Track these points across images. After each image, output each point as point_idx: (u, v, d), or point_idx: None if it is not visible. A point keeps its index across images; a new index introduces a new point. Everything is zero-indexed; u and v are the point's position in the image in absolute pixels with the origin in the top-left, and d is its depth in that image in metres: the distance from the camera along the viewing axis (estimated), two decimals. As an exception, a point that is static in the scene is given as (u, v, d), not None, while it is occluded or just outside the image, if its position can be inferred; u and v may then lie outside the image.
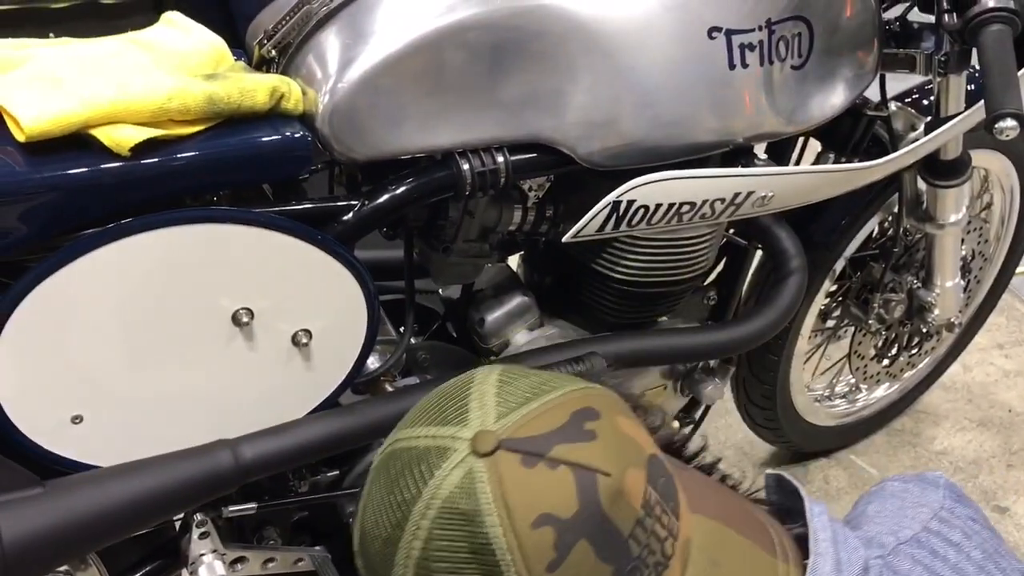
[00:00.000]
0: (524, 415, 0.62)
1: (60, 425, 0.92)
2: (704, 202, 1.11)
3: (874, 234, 1.77)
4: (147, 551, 1.18)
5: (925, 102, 1.58)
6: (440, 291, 1.39)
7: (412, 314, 1.20)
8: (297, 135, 0.94)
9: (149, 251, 0.88)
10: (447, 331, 1.38)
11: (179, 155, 0.88)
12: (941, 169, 1.52)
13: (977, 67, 1.50)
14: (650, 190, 1.07)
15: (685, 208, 1.11)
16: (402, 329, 1.21)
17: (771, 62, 1.13)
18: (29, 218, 0.83)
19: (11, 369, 0.88)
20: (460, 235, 1.12)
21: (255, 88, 0.93)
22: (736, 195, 1.13)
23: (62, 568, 1.25)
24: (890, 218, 1.73)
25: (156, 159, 0.87)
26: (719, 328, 1.31)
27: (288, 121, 0.95)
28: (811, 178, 1.20)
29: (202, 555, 1.07)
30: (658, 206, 1.09)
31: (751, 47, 1.11)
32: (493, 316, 1.28)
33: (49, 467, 0.93)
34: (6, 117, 0.84)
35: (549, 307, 1.32)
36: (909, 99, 1.61)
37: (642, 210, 1.09)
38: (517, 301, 1.29)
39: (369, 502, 0.65)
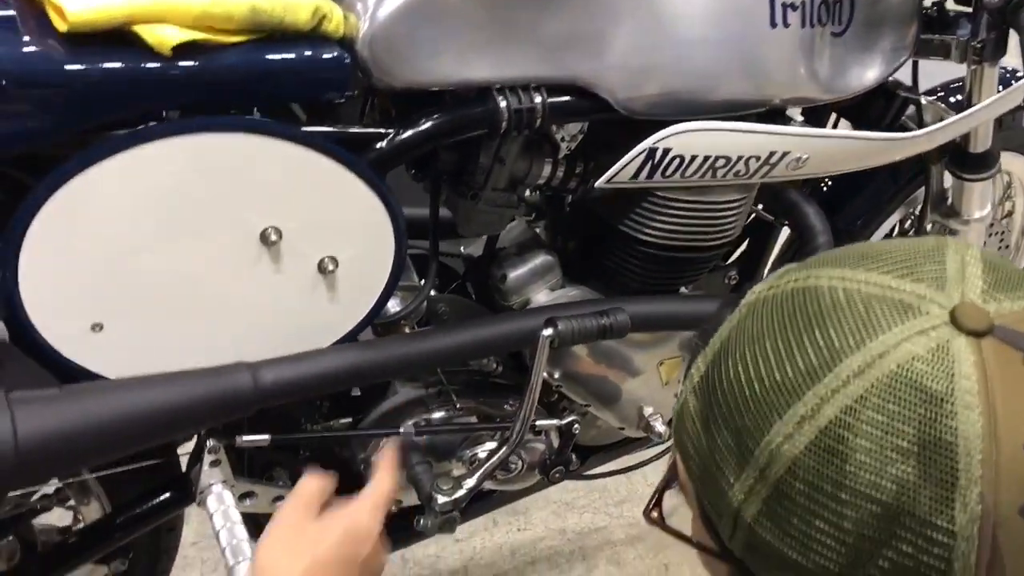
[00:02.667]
0: None
1: (80, 332, 0.91)
2: (739, 158, 1.10)
3: (895, 232, 1.76)
4: (150, 485, 1.16)
5: (952, 99, 1.58)
6: (462, 248, 1.38)
7: (435, 263, 1.18)
8: (336, 56, 0.93)
9: (182, 156, 0.87)
10: (466, 291, 1.37)
11: (219, 62, 0.87)
12: (969, 162, 1.51)
13: (1008, 68, 1.51)
14: (687, 139, 1.06)
15: (720, 163, 1.10)
16: (423, 281, 1.20)
17: (812, 25, 1.12)
18: (62, 109, 0.82)
19: (34, 271, 0.86)
20: (490, 182, 1.11)
21: (298, 5, 0.92)
22: (772, 154, 1.12)
23: (69, 503, 1.24)
24: (911, 215, 1.72)
25: (196, 62, 0.86)
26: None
27: (328, 43, 0.94)
28: (847, 144, 1.19)
29: (212, 484, 1.05)
30: (693, 158, 1.08)
31: (793, 7, 1.10)
32: (516, 273, 1.26)
33: (66, 376, 0.91)
34: (49, 7, 0.83)
35: (571, 272, 1.30)
36: (934, 96, 1.61)
37: (677, 160, 1.08)
38: (540, 260, 1.27)
39: (747, 335, 0.54)
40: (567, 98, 1.04)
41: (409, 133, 0.99)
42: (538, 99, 1.02)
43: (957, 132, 1.34)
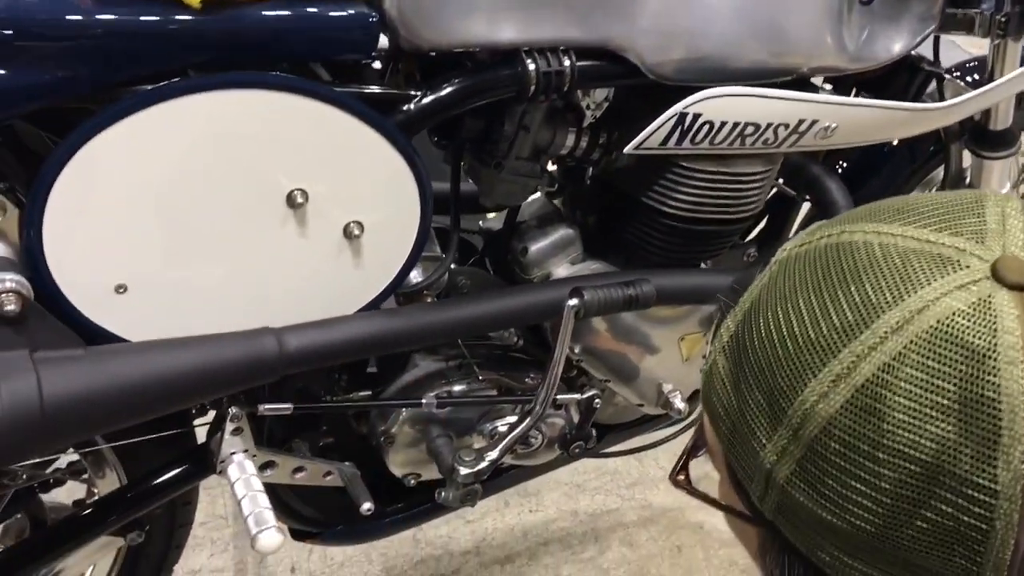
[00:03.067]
0: None
1: (104, 294, 0.89)
2: (768, 126, 1.09)
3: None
4: (167, 457, 1.14)
5: (968, 79, 1.57)
6: (480, 223, 1.36)
7: (456, 234, 1.17)
8: (363, 15, 0.91)
9: (208, 113, 0.85)
10: (484, 266, 1.35)
11: (247, 18, 0.85)
12: (989, 139, 1.51)
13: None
14: (718, 104, 1.05)
15: (749, 130, 1.08)
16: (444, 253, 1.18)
17: (841, -9, 1.11)
18: (88, 61, 0.80)
19: (59, 229, 0.84)
20: (513, 151, 1.09)
21: (326, -37, 0.90)
22: (800, 122, 1.11)
23: (84, 476, 1.22)
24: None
25: (225, 18, 0.84)
26: (767, 271, 1.27)
27: (355, 2, 0.92)
28: (876, 114, 1.17)
29: (233, 453, 1.03)
30: (723, 124, 1.07)
31: (823, -26, 1.09)
32: (537, 246, 1.25)
33: (89, 339, 0.89)
34: (76, -42, 0.81)
35: (590, 247, 1.29)
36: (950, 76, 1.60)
37: (707, 126, 1.06)
38: (561, 233, 1.26)
39: (779, 292, 0.52)
40: (596, 62, 1.03)
41: (438, 95, 0.97)
42: (567, 62, 1.00)
43: (986, 104, 1.33)
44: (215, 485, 1.75)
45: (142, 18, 0.81)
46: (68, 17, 0.79)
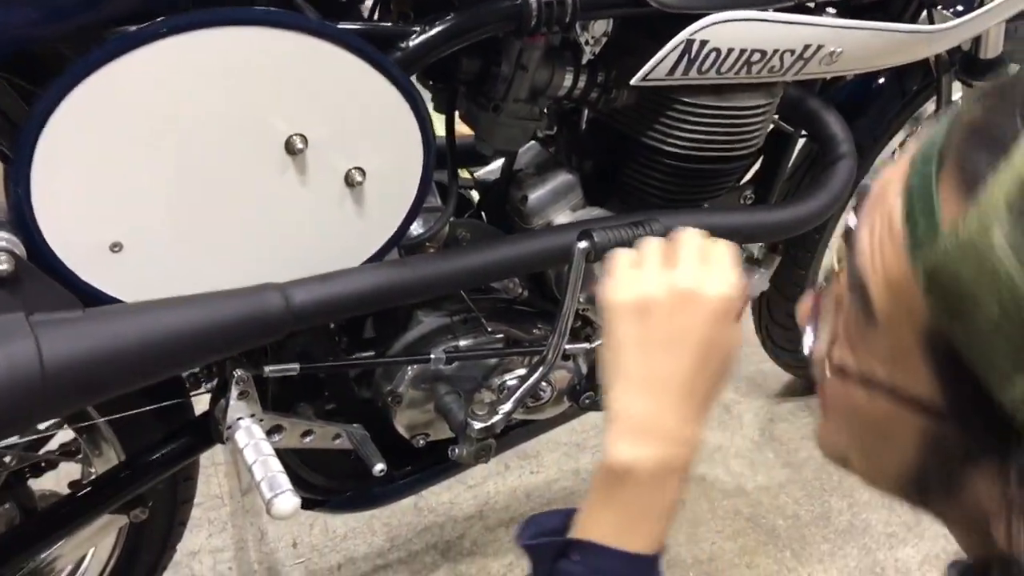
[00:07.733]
0: None
1: (98, 252, 0.84)
2: (775, 52, 1.06)
3: (895, 154, 1.74)
4: (165, 430, 1.10)
5: (950, 10, 1.55)
6: (475, 175, 1.32)
7: (455, 183, 1.13)
8: (358, -52, 0.87)
9: (203, 52, 0.80)
10: (481, 218, 1.31)
11: (236, -50, 0.80)
12: (980, 68, 1.49)
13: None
14: (724, 30, 1.01)
15: (755, 57, 1.05)
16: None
17: (840, -91, 1.08)
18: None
19: (47, 186, 0.79)
20: (511, 92, 1.05)
21: None
22: (806, 47, 1.07)
23: (79, 455, 1.17)
24: (916, 132, 1.70)
25: (213, -50, 0.79)
26: (776, 208, 1.25)
27: (348, -67, 0.88)
28: (880, 37, 1.15)
29: (239, 418, 0.99)
30: (730, 51, 1.03)
31: None
32: (537, 194, 1.21)
33: (85, 302, 0.84)
34: None
35: (588, 194, 1.25)
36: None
37: (714, 54, 1.03)
38: (561, 180, 1.22)
39: None
40: (597, -9, 0.99)
41: (437, 29, 0.93)
42: None
43: (989, 23, 1.31)
44: (209, 464, 1.70)
45: (125, -49, 0.76)
46: (46, -48, 0.73)
